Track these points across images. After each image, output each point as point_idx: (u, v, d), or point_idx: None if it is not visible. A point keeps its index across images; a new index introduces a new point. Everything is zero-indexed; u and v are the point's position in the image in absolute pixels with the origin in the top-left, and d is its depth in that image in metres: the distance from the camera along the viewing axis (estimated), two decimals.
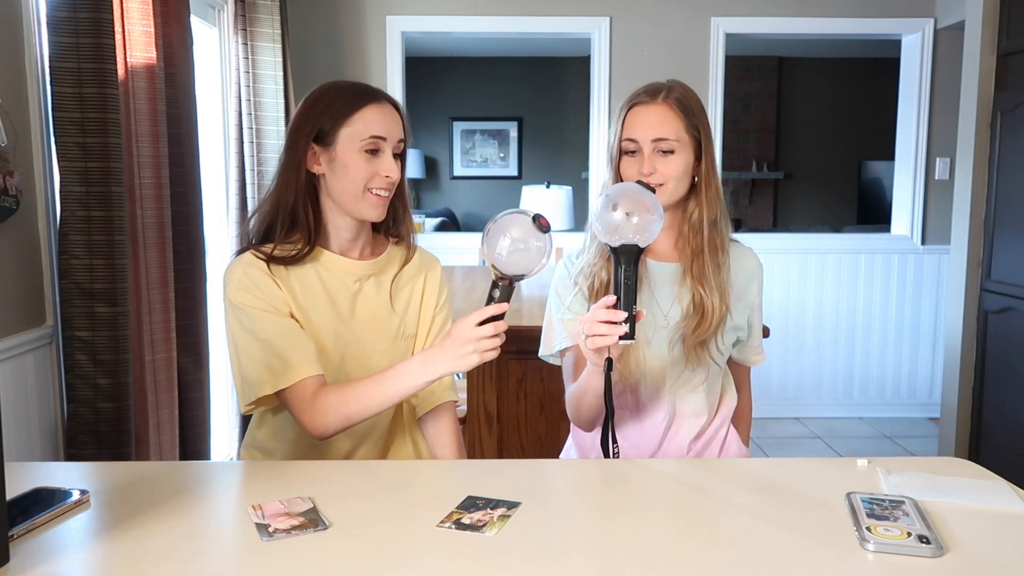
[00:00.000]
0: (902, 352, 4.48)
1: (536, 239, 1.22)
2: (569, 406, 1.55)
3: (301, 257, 1.42)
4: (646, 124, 1.48)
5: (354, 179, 1.39)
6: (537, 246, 1.22)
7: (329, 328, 1.44)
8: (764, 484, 1.23)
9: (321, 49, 4.09)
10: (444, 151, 7.81)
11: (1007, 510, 1.10)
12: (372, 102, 1.41)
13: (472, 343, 1.24)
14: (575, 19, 4.20)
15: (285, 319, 1.39)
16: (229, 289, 1.40)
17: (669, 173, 1.47)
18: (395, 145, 1.43)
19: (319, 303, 1.44)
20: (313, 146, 1.41)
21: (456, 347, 1.26)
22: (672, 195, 1.49)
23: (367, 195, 1.41)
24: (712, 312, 1.49)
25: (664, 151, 1.47)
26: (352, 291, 1.47)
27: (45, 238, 1.96)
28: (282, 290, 1.41)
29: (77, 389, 1.92)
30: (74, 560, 0.96)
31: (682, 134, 1.48)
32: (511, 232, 1.21)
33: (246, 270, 1.40)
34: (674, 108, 1.48)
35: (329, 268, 1.46)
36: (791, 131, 7.55)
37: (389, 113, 1.43)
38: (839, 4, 4.22)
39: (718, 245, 1.51)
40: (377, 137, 1.39)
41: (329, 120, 1.40)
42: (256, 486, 1.18)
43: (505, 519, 1.05)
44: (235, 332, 1.40)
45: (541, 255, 1.23)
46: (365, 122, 1.39)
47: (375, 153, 1.40)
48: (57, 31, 1.83)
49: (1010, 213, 3.17)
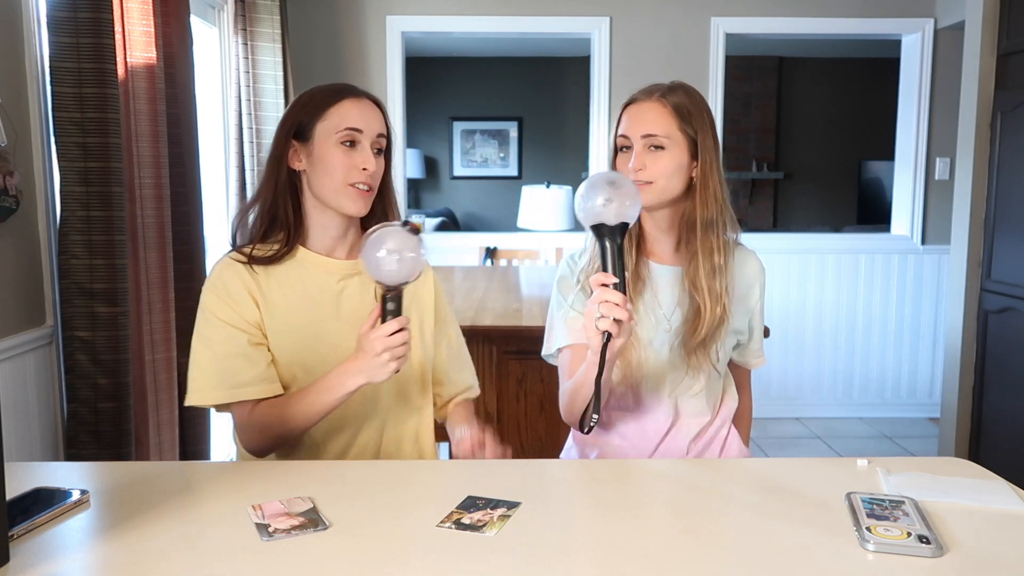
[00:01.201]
0: (902, 352, 4.48)
1: (410, 248, 1.25)
2: (563, 402, 1.55)
3: (280, 257, 1.44)
4: (638, 121, 1.49)
5: (332, 172, 1.40)
6: (411, 256, 1.25)
7: (310, 328, 1.44)
8: (764, 484, 1.23)
9: (321, 49, 4.09)
10: (444, 151, 7.81)
11: (1007, 510, 1.10)
12: (349, 96, 1.42)
13: (388, 352, 1.27)
14: (575, 19, 4.20)
15: (243, 335, 1.40)
16: (205, 289, 1.44)
17: (658, 170, 1.47)
18: (373, 140, 1.42)
19: (299, 303, 1.44)
20: (293, 143, 1.43)
21: (371, 358, 1.28)
22: (662, 193, 1.48)
23: (347, 189, 1.41)
24: (705, 316, 1.48)
25: (655, 147, 1.47)
26: (335, 290, 1.46)
27: (45, 238, 1.96)
28: (252, 297, 1.42)
29: (77, 389, 1.92)
30: (74, 560, 0.96)
31: (674, 132, 1.47)
32: (386, 245, 1.25)
33: (222, 273, 1.43)
34: (667, 106, 1.48)
35: (308, 268, 1.46)
36: (791, 131, 7.55)
37: (367, 107, 1.43)
38: (839, 4, 4.22)
39: (714, 247, 1.49)
40: (352, 129, 1.40)
41: (307, 115, 1.42)
42: (256, 486, 1.18)
43: (505, 519, 1.05)
44: (198, 331, 1.44)
45: (419, 258, 1.26)
46: (341, 115, 1.40)
47: (352, 145, 1.40)
48: (57, 31, 1.83)
49: (1010, 213, 3.17)
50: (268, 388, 1.41)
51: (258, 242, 1.44)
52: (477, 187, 7.84)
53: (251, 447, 1.43)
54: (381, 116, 1.45)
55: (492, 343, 2.47)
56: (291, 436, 1.41)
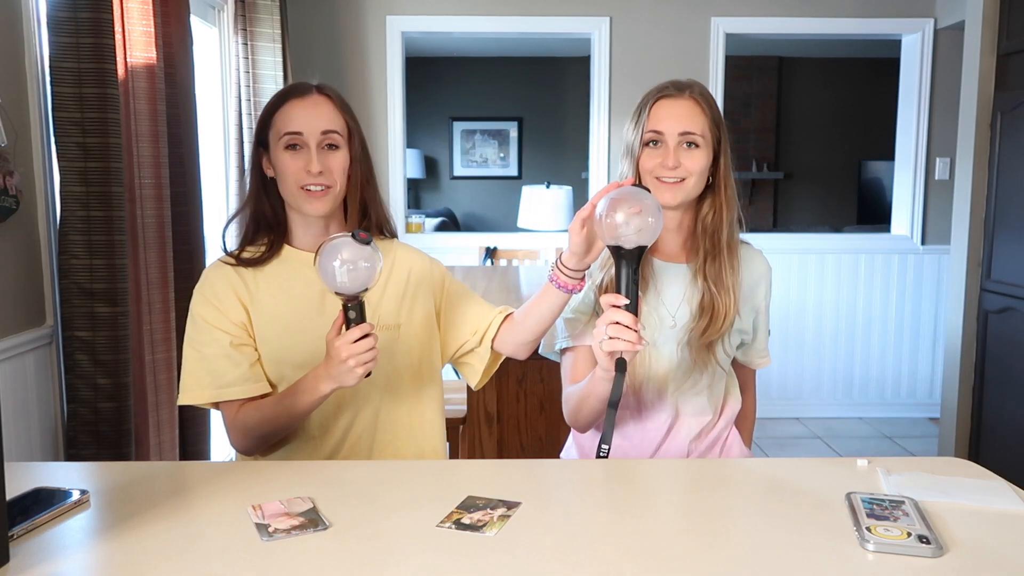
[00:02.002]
0: (902, 352, 4.48)
1: (363, 258, 1.26)
2: (567, 407, 1.55)
3: (267, 258, 1.47)
4: (674, 116, 1.48)
5: (284, 178, 1.42)
6: (365, 265, 1.26)
7: (297, 324, 1.45)
8: (764, 484, 1.23)
9: (321, 49, 4.09)
10: (444, 151, 7.81)
11: (1007, 510, 1.10)
12: (293, 97, 1.43)
13: (353, 358, 1.27)
14: (575, 19, 4.20)
15: (226, 336, 1.43)
16: (195, 291, 1.47)
17: (692, 167, 1.47)
18: (319, 138, 1.41)
19: (288, 301, 1.46)
20: (261, 150, 1.47)
21: (338, 365, 1.28)
22: (692, 191, 1.49)
23: (299, 192, 1.42)
24: (724, 314, 1.49)
25: (689, 144, 1.47)
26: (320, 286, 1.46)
27: (45, 238, 1.96)
28: (239, 298, 1.44)
29: (77, 389, 1.92)
30: (74, 560, 0.96)
31: (707, 130, 1.48)
32: (341, 255, 1.25)
33: (210, 275, 1.46)
34: (700, 104, 1.49)
35: (294, 265, 1.48)
36: (791, 131, 7.55)
37: (311, 105, 1.42)
38: (839, 4, 4.22)
39: (734, 247, 1.52)
40: (291, 133, 1.40)
41: (261, 125, 1.45)
42: (256, 486, 1.18)
43: (505, 519, 1.05)
44: (187, 333, 1.46)
45: (374, 266, 1.27)
46: (283, 119, 1.42)
47: (296, 148, 1.41)
48: (57, 31, 1.83)
49: (1010, 213, 3.17)
50: (253, 388, 1.43)
51: (247, 245, 1.48)
52: (477, 187, 7.83)
53: (239, 447, 1.47)
54: (331, 108, 1.44)
55: None
56: (276, 436, 1.44)
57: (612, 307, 1.27)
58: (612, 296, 1.28)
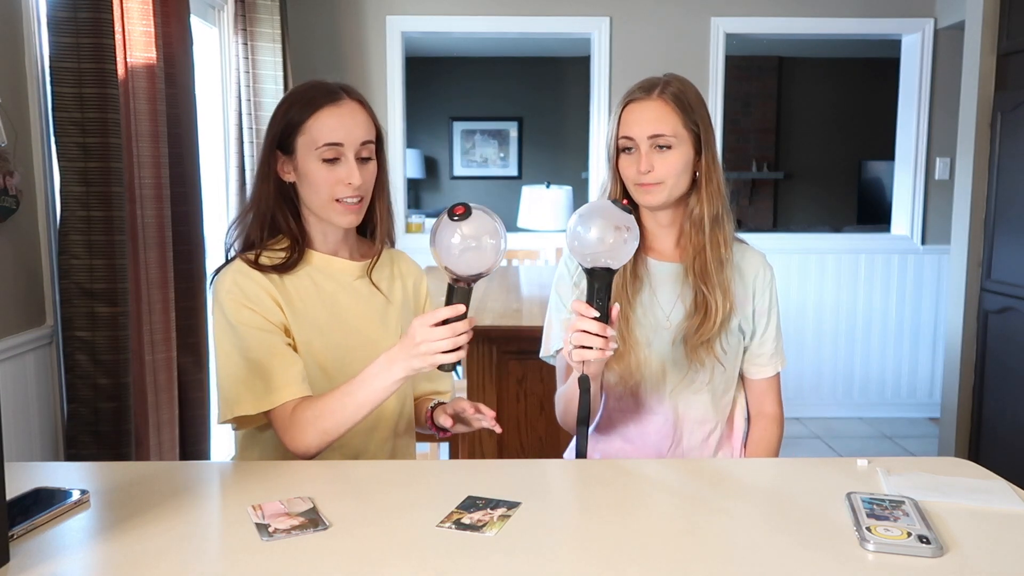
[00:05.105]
0: (902, 352, 4.48)
1: (489, 235, 1.14)
2: (557, 408, 1.55)
3: (292, 265, 1.41)
4: (642, 121, 1.45)
5: (318, 189, 1.37)
6: (491, 243, 1.15)
7: (328, 330, 1.43)
8: (764, 484, 1.23)
9: (321, 49, 4.09)
10: (444, 151, 7.81)
11: (1007, 510, 1.10)
12: (327, 104, 1.36)
13: (426, 343, 1.20)
14: (575, 19, 4.20)
15: (273, 336, 1.36)
16: (220, 299, 1.37)
17: (667, 171, 1.44)
18: (358, 148, 1.37)
19: (316, 306, 1.42)
20: (279, 154, 1.40)
21: (409, 347, 1.22)
22: (671, 193, 1.47)
23: (334, 205, 1.37)
24: (715, 311, 1.47)
25: (661, 147, 1.44)
26: (350, 291, 1.46)
27: (45, 238, 1.96)
28: (274, 300, 1.38)
29: (77, 389, 1.92)
30: (74, 560, 0.96)
31: (679, 129, 1.45)
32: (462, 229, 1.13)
33: (237, 280, 1.37)
34: (670, 103, 1.45)
35: (323, 270, 1.44)
36: (791, 131, 7.55)
37: (348, 114, 1.37)
38: (839, 4, 4.22)
39: (720, 241, 1.48)
40: (332, 144, 1.35)
41: (287, 128, 1.38)
42: (256, 486, 1.18)
43: (505, 519, 1.05)
44: (222, 345, 1.38)
45: (496, 252, 1.17)
46: (319, 128, 1.35)
47: (334, 161, 1.36)
48: (57, 31, 1.83)
49: (1010, 213, 3.17)
50: (304, 388, 1.36)
51: (262, 249, 1.41)
52: (477, 187, 7.83)
53: (300, 445, 1.34)
54: (365, 117, 1.39)
55: (492, 343, 2.47)
56: (339, 428, 1.32)
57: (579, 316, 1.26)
58: (580, 304, 1.26)
